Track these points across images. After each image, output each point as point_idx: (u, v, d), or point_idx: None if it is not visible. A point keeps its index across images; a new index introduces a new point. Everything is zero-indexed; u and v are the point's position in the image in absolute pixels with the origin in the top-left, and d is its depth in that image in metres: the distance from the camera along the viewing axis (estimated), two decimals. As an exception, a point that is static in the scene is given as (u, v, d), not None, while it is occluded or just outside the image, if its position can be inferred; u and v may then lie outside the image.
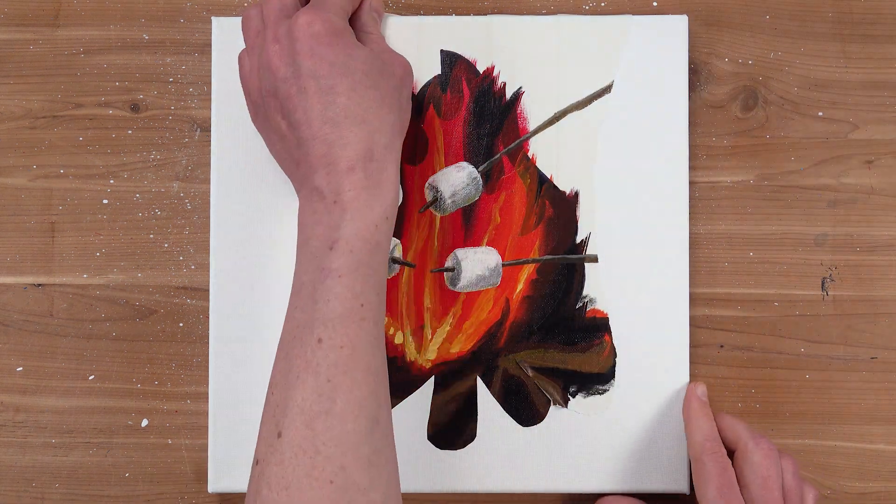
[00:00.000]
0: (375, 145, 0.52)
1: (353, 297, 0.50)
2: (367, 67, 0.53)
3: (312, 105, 0.52)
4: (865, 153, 0.63)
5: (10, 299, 0.63)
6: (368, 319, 0.50)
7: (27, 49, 0.63)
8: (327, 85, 0.52)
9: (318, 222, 0.52)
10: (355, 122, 0.52)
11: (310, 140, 0.52)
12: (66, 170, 0.63)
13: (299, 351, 0.49)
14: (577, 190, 0.62)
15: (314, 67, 0.52)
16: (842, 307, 0.63)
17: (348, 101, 0.52)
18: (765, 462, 0.57)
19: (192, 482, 0.62)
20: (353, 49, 0.53)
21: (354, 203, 0.51)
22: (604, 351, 0.61)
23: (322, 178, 0.52)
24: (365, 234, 0.51)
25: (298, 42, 0.52)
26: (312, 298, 0.50)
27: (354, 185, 0.52)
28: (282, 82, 0.53)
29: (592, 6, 0.63)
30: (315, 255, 0.51)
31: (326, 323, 0.49)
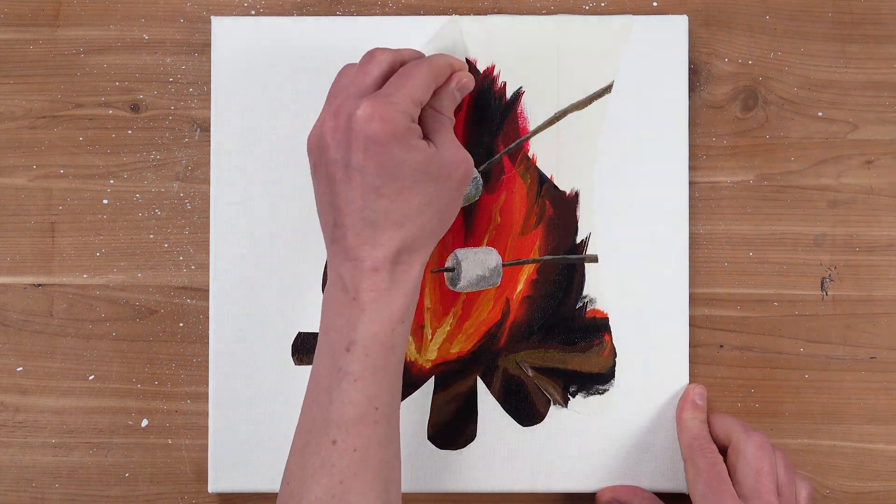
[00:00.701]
0: (406, 249, 0.52)
1: (367, 401, 0.51)
2: (418, 174, 0.52)
3: (355, 198, 0.51)
4: (865, 153, 0.63)
5: (10, 299, 0.63)
6: (381, 422, 0.51)
7: (27, 49, 0.63)
8: (374, 184, 0.51)
9: (339, 314, 0.52)
10: (393, 227, 0.52)
11: (344, 228, 0.52)
12: (66, 170, 0.63)
13: (315, 448, 0.51)
14: (577, 190, 0.62)
15: (364, 163, 0.51)
16: (841, 307, 0.63)
17: (390, 205, 0.51)
18: (757, 454, 0.56)
19: (192, 482, 0.62)
20: (409, 153, 0.52)
21: (373, 305, 0.51)
22: (604, 351, 0.61)
23: (347, 271, 0.52)
24: (381, 337, 0.51)
25: (353, 133, 0.51)
26: (329, 397, 0.51)
27: (376, 285, 0.51)
28: (332, 163, 0.52)
29: (592, 6, 0.63)
30: (333, 352, 0.52)
31: (341, 426, 0.50)
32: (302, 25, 0.62)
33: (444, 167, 0.53)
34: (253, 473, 0.61)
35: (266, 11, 0.63)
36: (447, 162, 0.53)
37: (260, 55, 0.62)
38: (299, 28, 0.62)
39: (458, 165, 0.54)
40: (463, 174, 0.54)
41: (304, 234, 0.61)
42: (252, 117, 0.62)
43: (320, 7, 0.63)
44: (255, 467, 0.61)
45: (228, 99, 0.62)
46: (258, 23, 0.62)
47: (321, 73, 0.62)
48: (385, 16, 0.63)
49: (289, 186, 0.61)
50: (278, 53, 0.62)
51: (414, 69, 0.54)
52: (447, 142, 0.54)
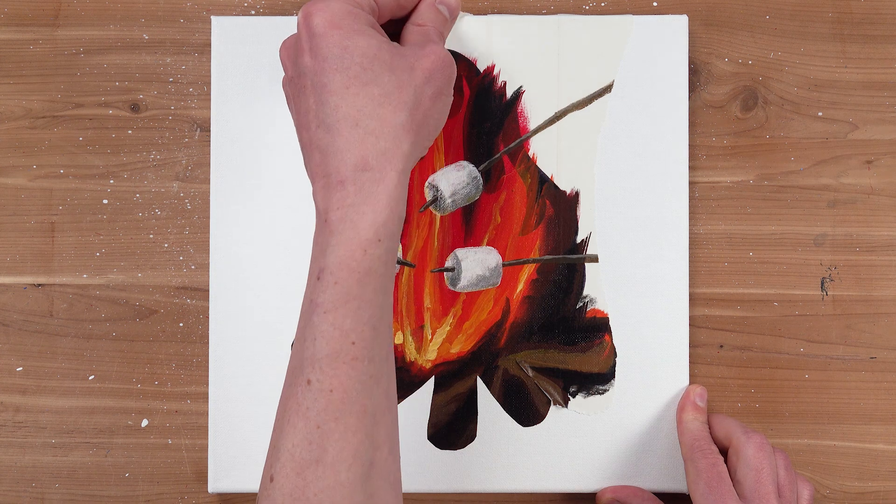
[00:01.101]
0: (370, 151, 0.47)
1: (341, 335, 0.46)
2: (366, 61, 0.47)
3: (309, 106, 0.48)
4: (865, 153, 0.63)
5: (10, 299, 0.63)
6: (362, 358, 0.46)
7: (27, 49, 0.63)
8: (320, 83, 0.47)
9: (315, 241, 0.48)
10: (347, 125, 0.47)
11: (307, 147, 0.48)
12: (66, 170, 0.63)
13: (290, 391, 0.46)
14: (577, 190, 0.62)
15: (313, 64, 0.47)
16: (841, 307, 0.63)
17: (340, 101, 0.47)
18: (758, 455, 0.56)
19: (192, 482, 0.62)
20: (353, 38, 0.47)
21: (341, 224, 0.46)
22: (604, 351, 0.61)
23: (317, 192, 0.48)
24: (351, 262, 0.46)
25: (301, 39, 0.48)
26: (303, 335, 0.46)
27: (343, 201, 0.46)
28: (289, 83, 0.50)
29: (592, 6, 0.63)
30: (308, 283, 0.47)
31: (315, 364, 0.46)
32: (302, 25, 0.62)
33: (404, 57, 0.48)
34: (253, 473, 0.61)
35: (266, 11, 0.63)
36: (407, 53, 0.48)
37: (260, 55, 0.62)
38: (299, 28, 0.62)
39: (424, 56, 0.49)
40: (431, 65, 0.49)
41: (304, 234, 0.61)
42: (252, 117, 0.62)
43: (320, 7, 0.63)
44: (255, 467, 0.61)
45: (228, 99, 0.62)
46: (258, 23, 0.62)
47: (321, 73, 0.62)
48: (385, 16, 0.63)
49: (289, 186, 0.61)
50: (278, 53, 0.62)
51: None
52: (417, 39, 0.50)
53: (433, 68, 0.49)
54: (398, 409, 0.61)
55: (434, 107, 0.50)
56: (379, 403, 0.47)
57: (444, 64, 0.50)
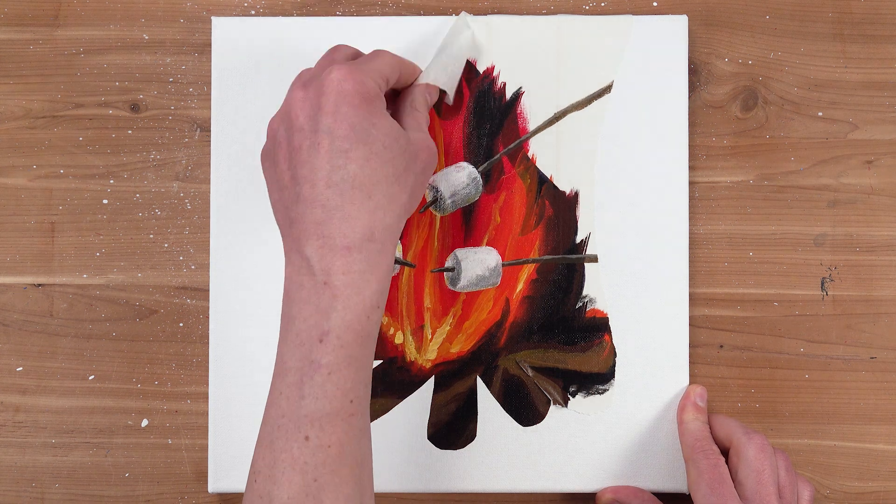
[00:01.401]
0: (378, 224, 0.49)
1: (342, 394, 0.48)
2: (388, 141, 0.50)
3: (321, 164, 0.49)
4: (865, 153, 0.63)
5: (10, 299, 0.63)
6: (357, 414, 0.48)
7: (27, 49, 0.63)
8: (342, 147, 0.49)
9: (306, 301, 0.48)
10: (362, 195, 0.49)
11: (310, 201, 0.49)
12: (66, 170, 0.63)
13: (285, 445, 0.48)
14: (577, 190, 0.62)
15: (334, 126, 0.49)
16: (841, 307, 0.63)
17: (359, 171, 0.49)
18: (759, 456, 0.56)
19: (192, 482, 0.62)
20: (380, 118, 0.50)
21: (346, 290, 0.48)
22: (604, 351, 0.61)
23: (314, 251, 0.48)
24: (356, 326, 0.48)
25: (324, 96, 0.49)
26: (300, 392, 0.48)
27: (349, 268, 0.48)
28: (297, 132, 0.50)
29: (592, 6, 0.63)
30: (302, 342, 0.48)
31: (314, 421, 0.47)
32: (302, 25, 0.62)
33: (411, 144, 0.51)
34: (253, 473, 0.61)
35: (266, 11, 0.63)
36: (413, 140, 0.52)
37: (260, 55, 0.62)
38: (299, 28, 0.62)
39: (423, 148, 0.52)
40: (428, 157, 0.53)
41: (304, 234, 0.61)
42: (252, 117, 0.62)
43: (320, 7, 0.63)
44: (255, 467, 0.61)
45: (228, 99, 0.62)
46: (258, 23, 0.62)
47: (321, 73, 0.62)
48: (385, 16, 0.63)
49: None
50: (278, 53, 0.62)
51: (381, 51, 0.55)
52: (415, 126, 0.54)
53: (428, 159, 0.53)
54: (398, 409, 0.61)
55: (420, 191, 0.53)
56: (365, 453, 0.50)
57: (434, 157, 0.54)
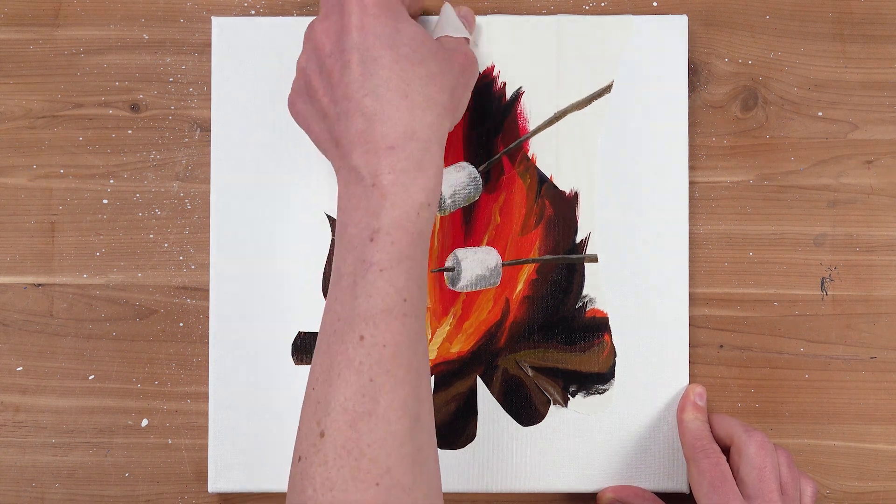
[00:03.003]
0: (418, 123, 0.50)
1: (395, 292, 0.48)
2: (415, 43, 0.50)
3: (355, 77, 0.49)
4: (865, 153, 0.63)
5: (10, 299, 0.63)
6: (411, 315, 0.48)
7: (27, 49, 0.63)
8: (371, 56, 0.50)
9: (356, 207, 0.49)
10: (397, 96, 0.49)
11: (350, 114, 0.50)
12: (66, 170, 0.63)
13: (340, 347, 0.48)
14: (577, 190, 0.62)
15: (360, 40, 0.50)
16: (841, 307, 0.63)
17: (390, 73, 0.49)
18: (760, 453, 0.56)
19: (192, 482, 0.62)
20: (403, 24, 0.51)
21: (394, 188, 0.48)
22: (604, 351, 0.61)
23: (360, 157, 0.49)
24: (406, 223, 0.49)
25: (346, 15, 0.50)
26: (353, 292, 0.48)
27: (394, 166, 0.49)
28: (327, 57, 0.51)
29: (592, 6, 0.63)
30: (354, 245, 0.49)
31: (368, 320, 0.47)
32: (302, 25, 0.62)
33: (442, 49, 0.52)
34: (253, 473, 0.61)
35: (266, 11, 0.63)
36: (445, 45, 0.53)
37: (260, 55, 0.62)
38: (299, 28, 0.62)
39: (458, 52, 0.53)
40: (463, 62, 0.53)
41: (303, 234, 0.61)
42: (252, 117, 0.62)
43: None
44: (255, 467, 0.61)
45: (228, 99, 0.62)
46: (258, 23, 0.62)
47: (321, 73, 0.62)
48: (385, 16, 0.63)
49: (289, 186, 0.61)
50: (278, 53, 0.62)
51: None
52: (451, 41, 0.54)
53: (465, 63, 0.54)
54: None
55: (463, 96, 0.54)
56: (421, 360, 0.49)
57: (473, 61, 0.55)
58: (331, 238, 0.61)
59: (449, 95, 0.52)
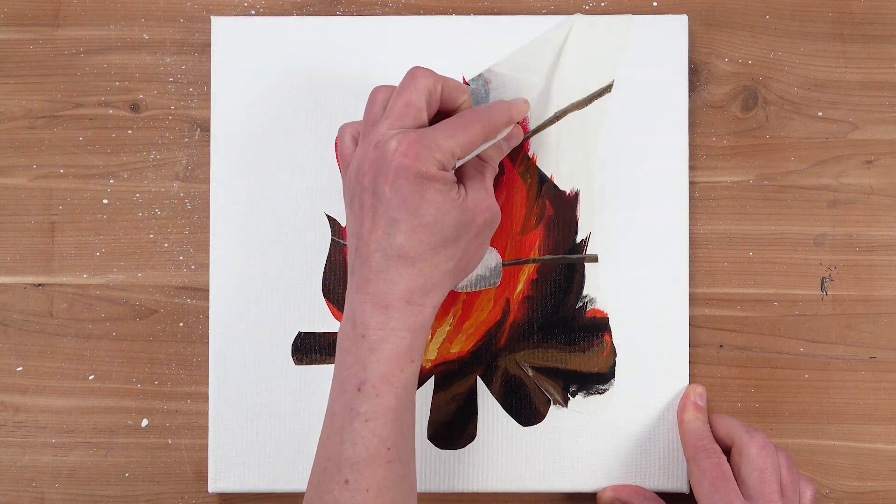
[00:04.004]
0: (419, 290, 0.52)
1: (379, 442, 0.51)
2: (438, 215, 0.52)
3: (376, 229, 0.52)
4: (865, 153, 0.63)
5: (10, 299, 0.63)
6: (395, 461, 0.51)
7: (27, 49, 0.63)
8: (393, 217, 0.52)
9: (348, 351, 0.52)
10: (405, 263, 0.52)
11: (363, 258, 0.52)
12: (66, 170, 0.63)
13: (328, 486, 0.51)
14: (577, 190, 0.62)
15: (389, 196, 0.51)
16: (841, 307, 0.63)
17: (405, 241, 0.52)
18: (761, 454, 0.57)
19: (192, 482, 0.62)
20: (433, 195, 0.52)
21: (381, 344, 0.51)
22: (604, 351, 0.61)
23: (358, 304, 0.52)
24: (391, 377, 0.51)
25: (385, 164, 0.52)
26: (340, 437, 0.51)
27: (385, 325, 0.52)
28: (363, 190, 0.53)
29: (592, 6, 0.63)
30: (345, 389, 0.52)
31: (353, 466, 0.51)
32: (302, 25, 0.62)
33: (467, 213, 0.53)
34: (253, 473, 0.61)
35: (266, 11, 0.63)
36: (470, 208, 0.53)
37: (260, 55, 0.62)
38: (299, 28, 0.62)
39: (481, 212, 0.54)
40: (484, 221, 0.54)
41: (304, 235, 0.61)
42: (252, 117, 0.62)
43: (320, 7, 0.63)
44: (255, 467, 0.61)
45: (228, 99, 0.62)
46: (258, 23, 0.62)
47: (321, 73, 0.62)
48: (385, 16, 0.63)
49: (289, 186, 0.61)
50: (278, 53, 0.62)
51: (471, 123, 0.54)
52: (479, 188, 0.55)
53: (485, 224, 0.55)
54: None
55: (475, 255, 0.55)
56: (405, 496, 0.52)
57: (495, 220, 0.55)
58: (331, 238, 0.62)
59: (457, 262, 0.54)
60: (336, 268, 0.62)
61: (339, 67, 0.62)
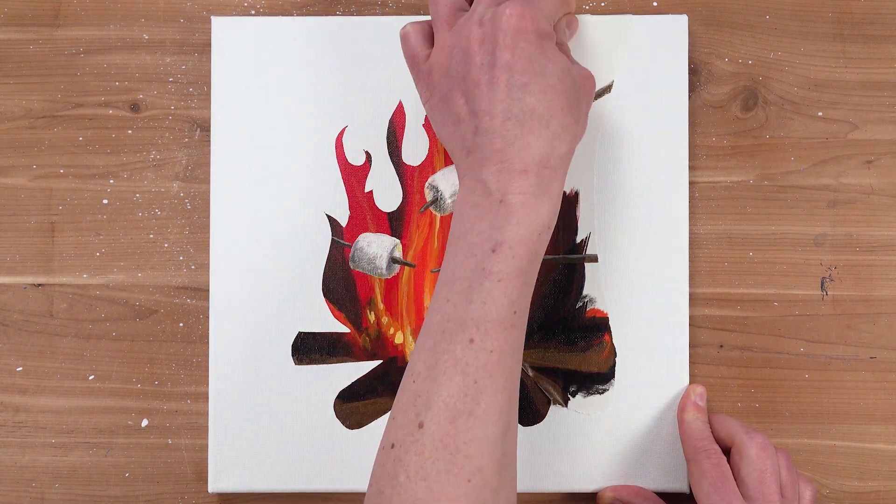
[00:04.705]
0: (553, 152, 0.52)
1: (509, 303, 0.50)
2: (562, 75, 0.52)
3: (501, 97, 0.51)
4: (865, 153, 0.63)
5: (10, 299, 0.63)
6: (518, 326, 0.51)
7: (27, 49, 0.63)
8: (521, 81, 0.51)
9: (480, 218, 0.51)
10: (540, 125, 0.51)
11: (489, 132, 0.51)
12: (66, 170, 0.63)
13: (448, 346, 0.50)
14: (577, 190, 0.62)
15: (512, 61, 0.51)
16: (841, 307, 0.63)
17: (537, 102, 0.51)
18: (761, 455, 0.57)
19: (192, 482, 0.62)
20: (554, 53, 0.52)
21: (522, 208, 0.51)
22: (604, 351, 0.61)
23: (492, 174, 0.51)
24: (528, 241, 0.51)
25: (502, 32, 0.51)
26: (468, 297, 0.50)
27: (525, 188, 0.51)
28: (476, 68, 0.52)
29: (592, 6, 0.63)
30: (474, 253, 0.51)
31: (479, 325, 0.50)
32: (302, 25, 0.62)
33: (579, 76, 0.54)
34: (253, 473, 0.61)
35: (266, 11, 0.63)
36: (580, 72, 0.54)
37: (260, 55, 0.62)
38: (299, 28, 0.62)
39: (587, 77, 0.55)
40: (590, 87, 0.55)
41: (303, 234, 0.61)
42: (252, 117, 0.62)
43: (320, 7, 0.63)
44: (255, 467, 0.61)
45: (228, 99, 0.62)
46: (258, 23, 0.62)
47: (321, 73, 0.62)
48: (385, 16, 0.63)
49: (289, 186, 0.61)
50: (278, 53, 0.62)
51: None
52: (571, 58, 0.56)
53: (591, 88, 0.55)
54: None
55: (586, 121, 0.56)
56: (517, 371, 0.52)
57: (594, 85, 0.56)
58: (331, 238, 0.61)
59: (580, 127, 0.54)
60: (336, 268, 0.62)
61: (339, 67, 0.62)
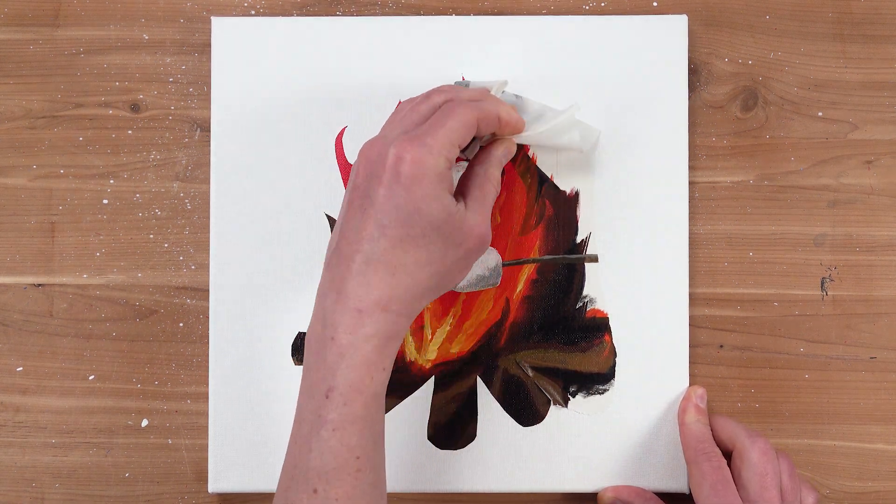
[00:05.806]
0: (396, 299, 0.51)
1: (347, 451, 0.50)
2: (430, 230, 0.51)
3: (362, 227, 0.51)
4: (865, 153, 0.63)
5: (10, 299, 0.63)
6: (365, 469, 0.50)
7: (27, 49, 0.63)
8: (381, 223, 0.50)
9: (317, 353, 0.51)
10: (386, 271, 0.50)
11: (343, 256, 0.51)
12: (66, 170, 0.63)
13: (296, 496, 0.50)
14: (577, 190, 0.62)
15: (382, 201, 0.50)
16: (841, 307, 0.63)
17: (390, 249, 0.50)
18: (762, 459, 0.57)
19: (192, 482, 0.63)
20: (429, 205, 0.51)
21: (350, 349, 0.50)
22: (604, 351, 0.61)
23: (330, 304, 0.51)
24: (359, 385, 0.50)
25: (384, 168, 0.51)
26: (308, 445, 0.50)
27: (356, 329, 0.50)
28: (355, 189, 0.52)
29: (592, 6, 0.63)
30: (312, 394, 0.50)
31: (321, 475, 0.49)
32: (302, 25, 0.62)
33: (459, 231, 0.52)
34: (253, 473, 0.61)
35: (266, 11, 0.63)
36: (465, 227, 0.52)
37: (260, 55, 0.62)
38: (299, 28, 0.62)
39: (474, 235, 0.53)
40: (475, 245, 0.53)
41: (303, 234, 0.62)
42: (252, 117, 0.62)
43: (320, 7, 0.63)
44: (255, 467, 0.61)
45: (228, 99, 0.62)
46: (258, 23, 0.62)
47: (321, 73, 0.62)
48: (385, 16, 0.63)
49: (289, 186, 0.61)
50: (278, 53, 0.62)
51: (456, 109, 0.52)
52: (478, 209, 0.54)
53: (474, 248, 0.53)
54: (398, 410, 0.61)
55: (458, 275, 0.54)
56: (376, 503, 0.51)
57: (483, 245, 0.54)
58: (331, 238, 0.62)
59: (439, 279, 0.52)
60: (336, 268, 0.61)
61: (339, 67, 0.62)
